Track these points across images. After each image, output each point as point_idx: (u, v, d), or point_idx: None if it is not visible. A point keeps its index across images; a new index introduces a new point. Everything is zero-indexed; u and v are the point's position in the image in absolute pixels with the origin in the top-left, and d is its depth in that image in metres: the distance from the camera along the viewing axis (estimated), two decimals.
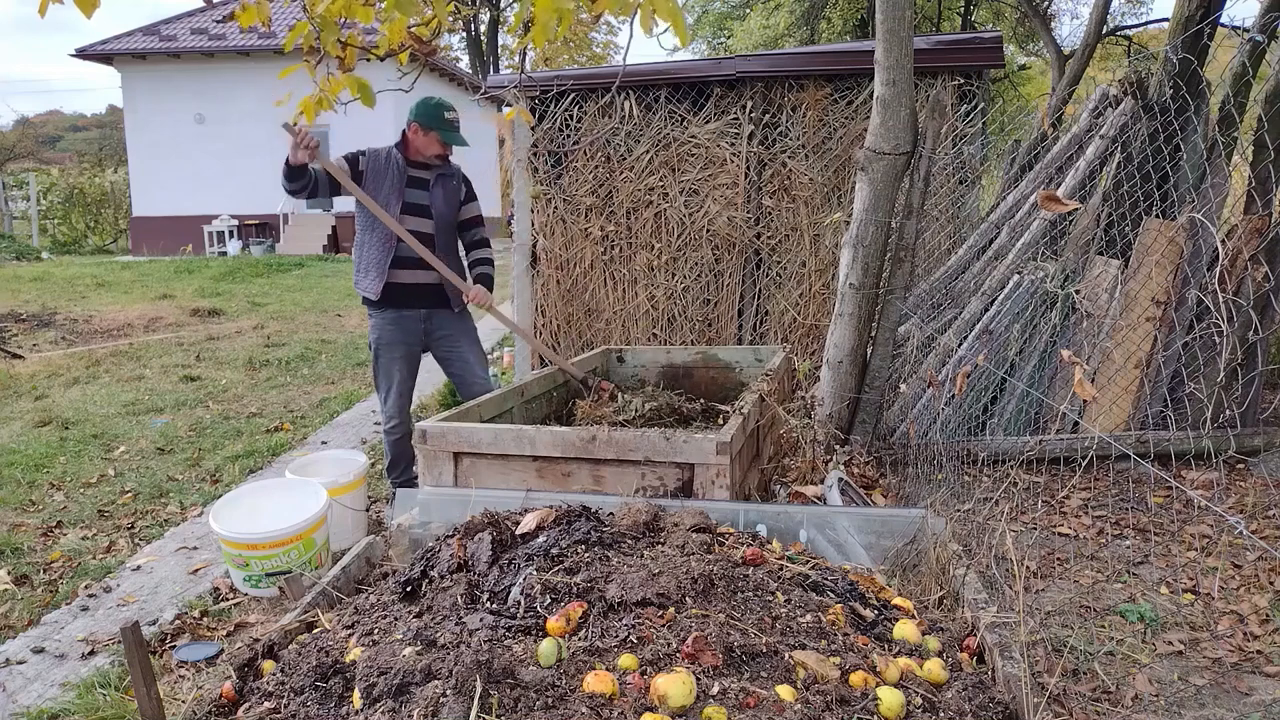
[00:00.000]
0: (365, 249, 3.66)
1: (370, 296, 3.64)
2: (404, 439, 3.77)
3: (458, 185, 3.78)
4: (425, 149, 3.61)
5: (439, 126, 3.57)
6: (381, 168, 3.61)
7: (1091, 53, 12.77)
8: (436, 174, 3.69)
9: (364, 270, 3.67)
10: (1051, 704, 2.25)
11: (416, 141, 3.61)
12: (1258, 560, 3.20)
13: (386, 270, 3.60)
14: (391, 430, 3.81)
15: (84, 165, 27.41)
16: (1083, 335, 4.34)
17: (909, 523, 2.06)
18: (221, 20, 17.70)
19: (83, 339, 8.96)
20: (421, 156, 3.64)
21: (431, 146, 3.61)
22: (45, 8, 2.54)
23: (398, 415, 3.79)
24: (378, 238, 3.62)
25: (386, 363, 3.71)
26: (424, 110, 3.58)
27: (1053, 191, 2.57)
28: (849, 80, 5.34)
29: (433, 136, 3.58)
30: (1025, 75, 21.79)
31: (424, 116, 3.56)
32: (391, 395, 3.74)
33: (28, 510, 4.21)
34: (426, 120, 3.56)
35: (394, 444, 3.83)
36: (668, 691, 1.27)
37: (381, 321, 3.69)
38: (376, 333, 3.72)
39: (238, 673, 1.57)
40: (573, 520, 1.86)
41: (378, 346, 3.72)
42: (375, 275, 3.62)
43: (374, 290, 3.62)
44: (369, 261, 3.64)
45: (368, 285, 3.65)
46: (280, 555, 3.21)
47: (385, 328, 3.68)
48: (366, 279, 3.66)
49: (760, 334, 5.68)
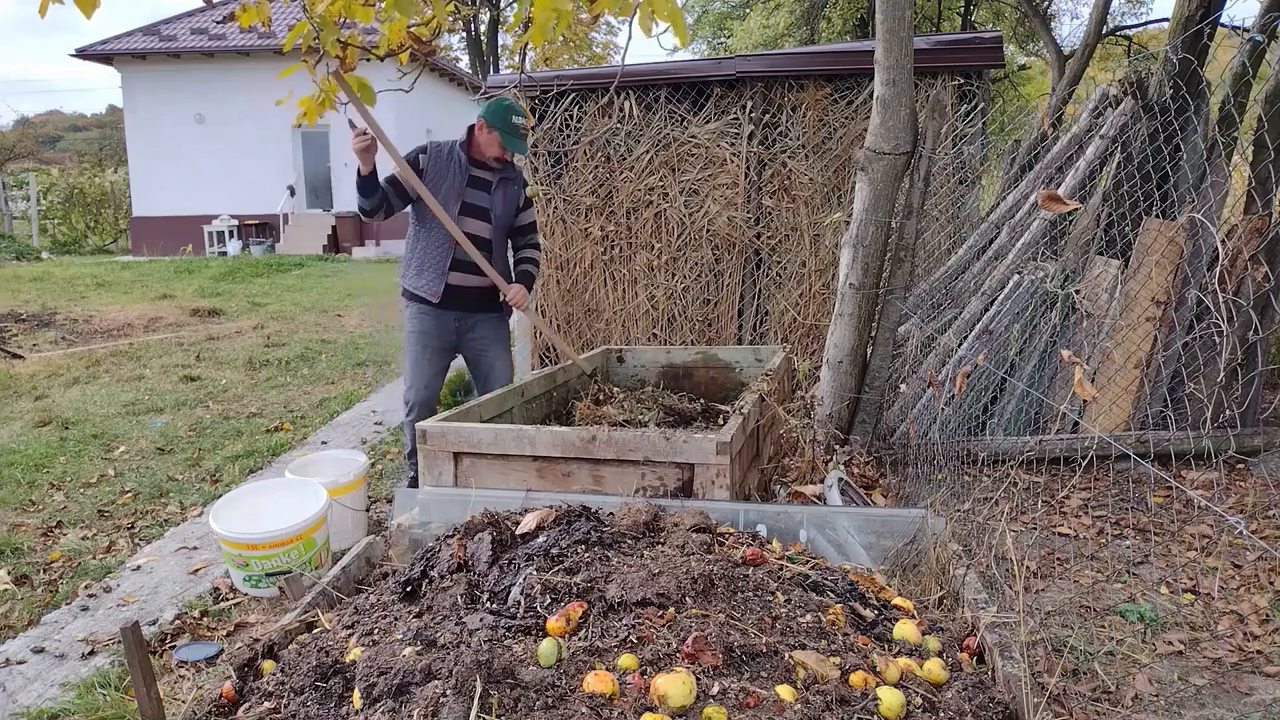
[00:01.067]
0: (424, 247, 3.62)
1: (429, 299, 3.60)
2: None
3: (519, 190, 3.74)
4: (485, 147, 3.57)
5: (502, 128, 3.50)
6: (443, 165, 3.56)
7: (1091, 53, 12.78)
8: (500, 177, 3.65)
9: (419, 269, 3.62)
10: (1051, 704, 2.25)
11: (480, 138, 3.57)
12: (1258, 560, 3.20)
13: (446, 272, 3.57)
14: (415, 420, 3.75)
15: (84, 165, 27.42)
16: (1083, 335, 4.34)
17: (909, 523, 2.06)
18: (221, 20, 17.72)
19: (83, 339, 8.96)
20: (481, 155, 3.60)
21: (491, 146, 3.55)
22: (45, 8, 2.54)
23: (421, 407, 3.72)
24: (438, 237, 3.58)
25: (419, 353, 3.69)
26: (493, 109, 3.53)
27: (1053, 191, 2.56)
28: (849, 80, 5.34)
29: (493, 136, 3.52)
30: (1025, 75, 21.79)
31: (491, 114, 3.51)
32: (421, 385, 3.71)
33: (28, 510, 4.21)
34: (492, 118, 3.51)
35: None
36: (668, 691, 1.27)
37: (418, 311, 3.67)
38: (414, 322, 3.69)
39: (238, 673, 1.57)
40: (573, 520, 1.86)
41: (413, 335, 3.70)
42: (434, 275, 3.59)
43: (433, 291, 3.59)
44: (427, 261, 3.60)
45: (424, 285, 3.61)
46: (280, 555, 3.21)
47: (423, 318, 3.66)
48: (423, 278, 3.61)
49: (760, 334, 5.68)
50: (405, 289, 3.70)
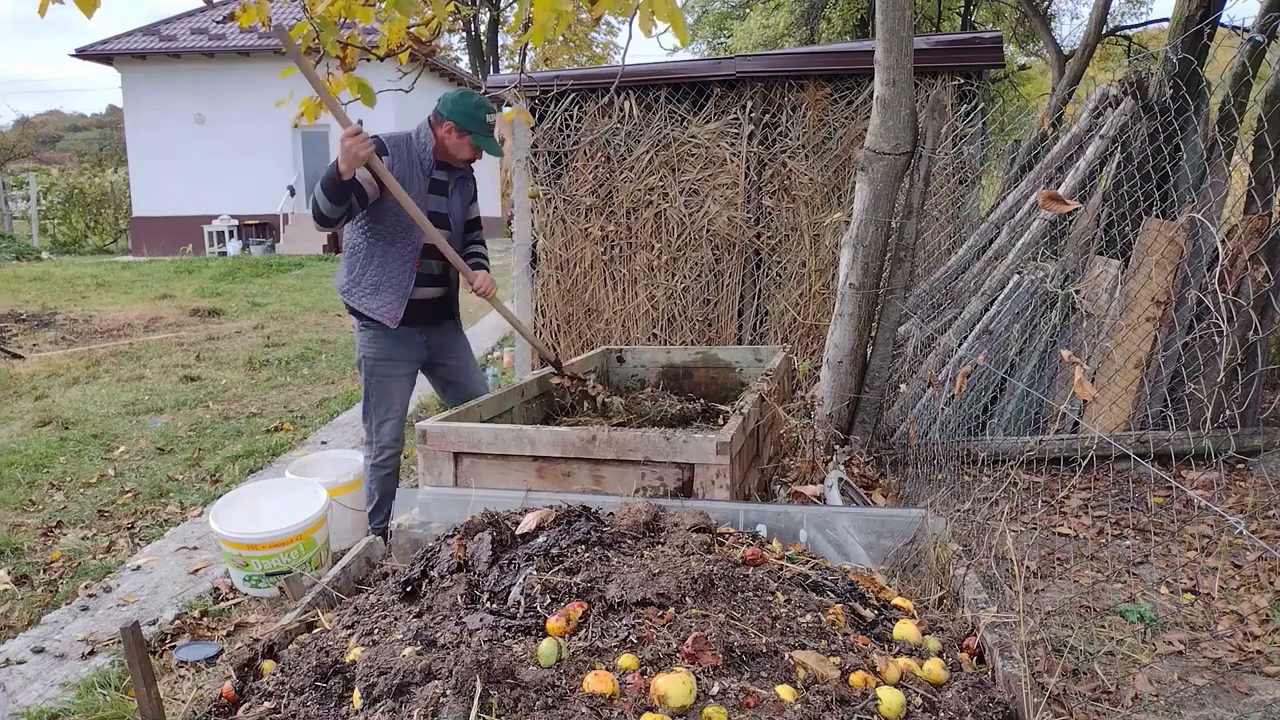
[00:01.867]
0: (380, 266, 3.15)
1: (387, 323, 3.15)
2: (394, 475, 3.33)
3: (471, 185, 3.39)
4: (456, 152, 3.17)
5: (476, 130, 3.12)
6: (405, 168, 3.10)
7: (1091, 53, 12.77)
8: (457, 177, 3.27)
9: (375, 289, 3.16)
10: (1051, 704, 2.25)
11: (448, 142, 3.14)
12: (1258, 560, 3.20)
13: (409, 292, 3.16)
14: (384, 463, 3.29)
15: (84, 165, 27.42)
16: (1083, 335, 4.34)
17: (909, 523, 2.06)
18: (221, 20, 17.70)
19: (83, 339, 8.96)
20: (447, 159, 3.20)
21: (463, 151, 3.17)
22: (45, 8, 2.54)
23: (394, 445, 3.29)
24: (400, 254, 3.15)
25: (384, 382, 3.24)
26: (463, 110, 3.10)
27: (1053, 191, 2.56)
28: (849, 80, 5.34)
29: (466, 140, 3.13)
30: (1025, 75, 21.78)
31: (463, 118, 3.10)
32: (389, 422, 3.27)
33: (28, 510, 4.21)
34: (465, 122, 3.10)
35: (384, 479, 3.31)
36: (668, 691, 1.27)
37: (380, 334, 3.20)
38: (375, 347, 3.21)
39: (238, 673, 1.57)
40: (573, 520, 1.86)
41: (375, 364, 3.22)
42: (394, 297, 3.14)
43: (391, 315, 3.14)
44: (386, 281, 3.15)
45: (381, 309, 3.15)
46: (280, 555, 3.21)
47: (385, 341, 3.20)
48: (378, 300, 3.15)
49: (760, 334, 5.68)
50: (353, 307, 3.22)
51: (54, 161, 30.20)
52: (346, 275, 3.22)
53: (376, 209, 3.08)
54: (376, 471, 3.30)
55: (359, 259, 3.18)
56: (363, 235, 3.16)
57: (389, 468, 3.30)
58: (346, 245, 3.22)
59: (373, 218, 3.11)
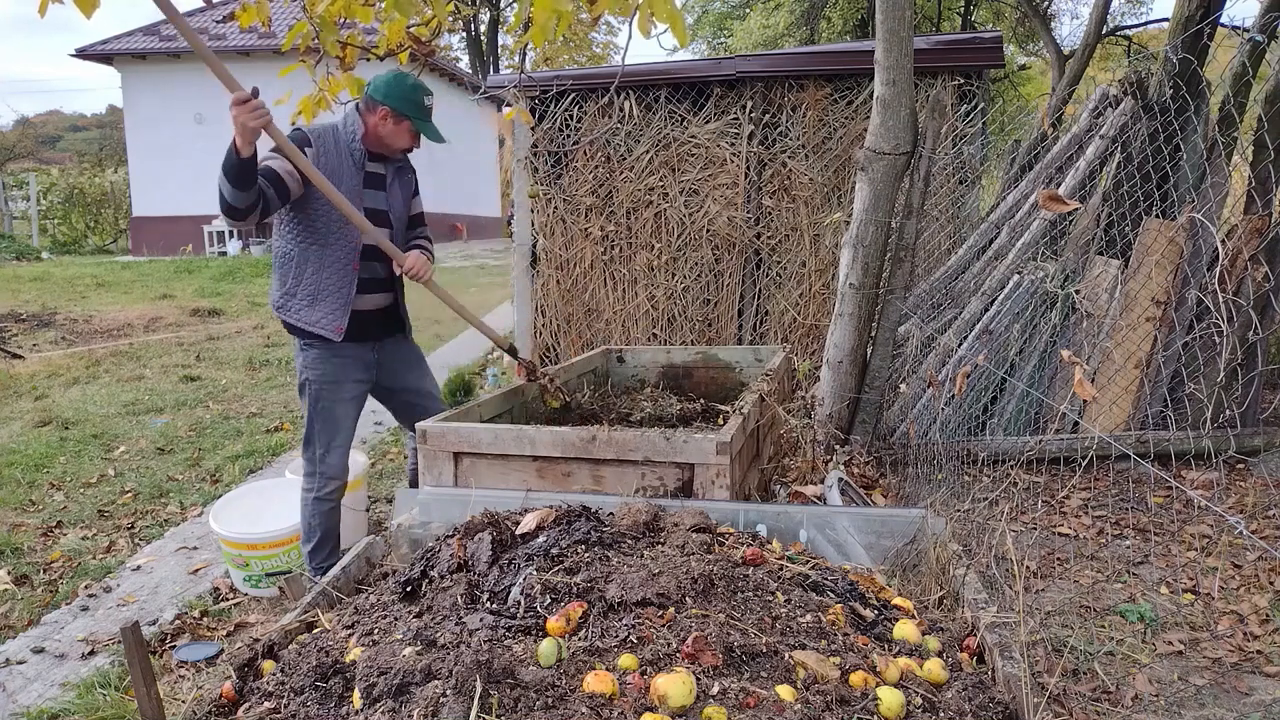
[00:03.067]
0: (317, 273, 2.83)
1: (331, 336, 2.83)
2: (337, 509, 3.03)
3: (411, 177, 3.08)
4: (393, 140, 2.86)
5: (414, 115, 2.84)
6: (334, 162, 2.80)
7: (1091, 53, 12.77)
8: (394, 168, 2.97)
9: (312, 300, 2.83)
10: (1051, 704, 2.25)
11: (382, 130, 2.84)
12: (1258, 560, 3.20)
13: (351, 299, 2.85)
14: (328, 496, 2.98)
15: (84, 165, 27.41)
16: (1083, 335, 4.34)
17: (909, 523, 2.06)
18: (221, 20, 17.69)
19: (83, 339, 8.96)
20: (382, 148, 2.89)
21: (401, 139, 2.88)
22: (45, 7, 2.54)
23: (339, 477, 2.98)
24: (337, 257, 2.82)
25: (330, 406, 2.92)
26: (398, 93, 2.81)
27: (1054, 191, 2.56)
28: (849, 80, 5.35)
29: (404, 127, 2.85)
30: (1025, 75, 21.78)
31: (398, 101, 2.80)
32: (334, 449, 2.96)
33: (28, 510, 4.21)
34: (401, 106, 2.81)
35: (327, 514, 3.00)
36: (668, 691, 1.27)
37: (326, 354, 2.88)
38: (319, 368, 2.88)
39: (238, 673, 1.57)
40: (573, 520, 1.86)
41: (320, 386, 2.90)
42: (335, 308, 2.83)
43: (334, 328, 2.83)
44: (325, 288, 2.83)
45: (323, 320, 2.83)
46: (280, 555, 3.22)
47: (331, 361, 2.89)
48: (318, 312, 2.83)
49: (760, 334, 5.69)
50: (290, 324, 2.88)
51: (54, 161, 30.20)
52: (279, 289, 2.88)
53: (304, 208, 2.78)
54: (319, 505, 2.97)
55: (291, 267, 2.85)
56: (293, 240, 2.84)
57: (333, 501, 3.00)
58: (276, 255, 2.90)
59: (301, 219, 2.80)
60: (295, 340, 2.94)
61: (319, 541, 3.01)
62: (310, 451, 2.97)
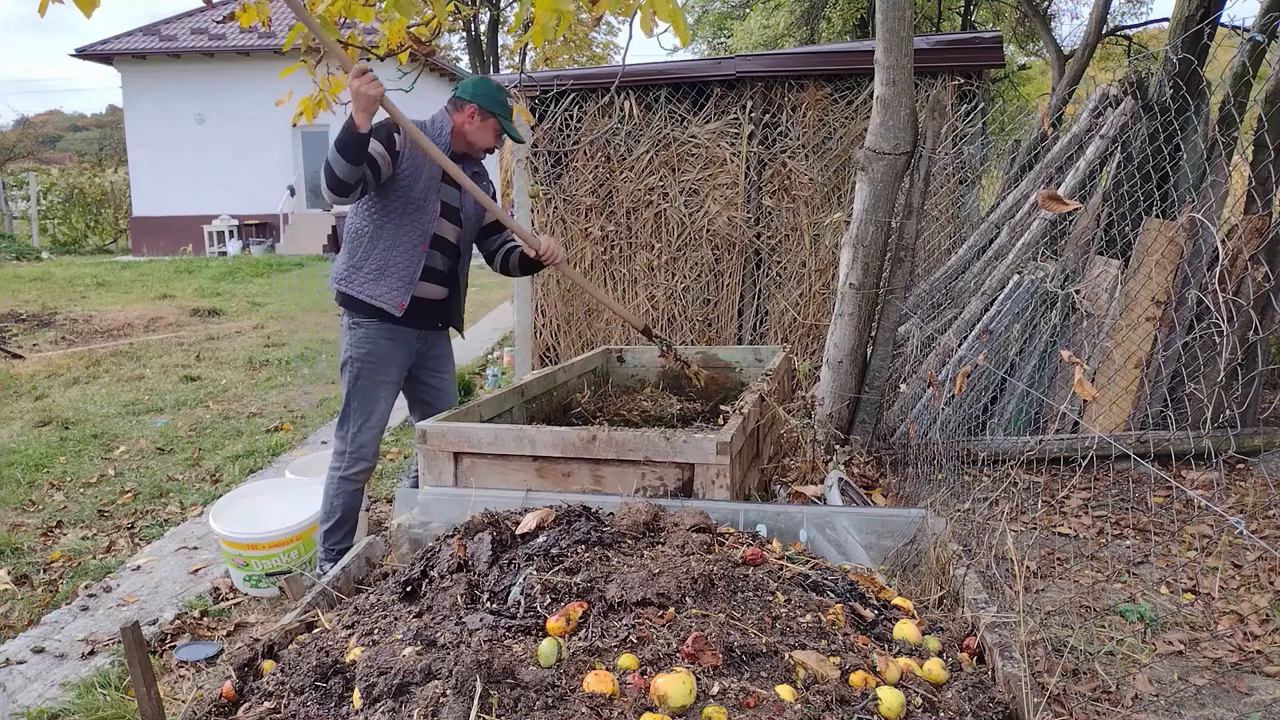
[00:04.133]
0: (387, 250, 2.89)
1: (391, 311, 2.89)
2: (360, 492, 3.06)
3: (488, 185, 3.10)
4: (478, 139, 2.92)
5: (500, 113, 2.91)
6: (419, 153, 2.84)
7: (1091, 53, 12.78)
8: (472, 171, 2.99)
9: (379, 274, 2.89)
10: (1051, 704, 2.25)
11: (468, 128, 2.90)
12: (1258, 560, 3.20)
13: (415, 280, 2.92)
14: (354, 477, 3.00)
15: (84, 165, 27.43)
16: (1083, 335, 4.34)
17: (909, 523, 2.06)
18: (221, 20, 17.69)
19: (83, 339, 8.96)
20: (467, 147, 2.95)
21: (485, 137, 2.93)
22: (45, 7, 2.54)
23: (369, 459, 3.02)
24: (409, 236, 2.89)
25: (371, 386, 2.97)
26: (485, 92, 2.89)
27: (1054, 191, 2.57)
28: (849, 80, 5.35)
29: (490, 124, 2.91)
30: (1025, 75, 21.79)
31: (486, 99, 2.88)
32: (367, 429, 2.99)
33: (28, 510, 4.21)
34: (489, 104, 2.88)
35: (352, 495, 3.02)
36: (668, 691, 1.27)
37: (376, 333, 2.94)
38: (367, 346, 2.94)
39: (238, 673, 1.57)
40: (573, 520, 1.86)
41: (363, 365, 2.95)
42: (400, 283, 2.89)
43: (398, 303, 2.89)
44: (393, 265, 2.89)
45: (385, 295, 2.89)
46: (280, 555, 3.22)
47: (380, 341, 2.95)
48: (382, 286, 2.89)
49: (760, 334, 5.69)
50: (350, 296, 2.93)
51: (54, 161, 30.19)
52: (346, 261, 2.94)
53: (384, 188, 2.85)
54: (344, 485, 2.99)
55: (363, 242, 2.91)
56: (367, 218, 2.90)
57: (358, 483, 3.02)
58: (348, 232, 2.96)
59: (380, 199, 2.87)
60: (345, 317, 2.99)
61: (337, 522, 3.02)
62: (344, 430, 3.00)
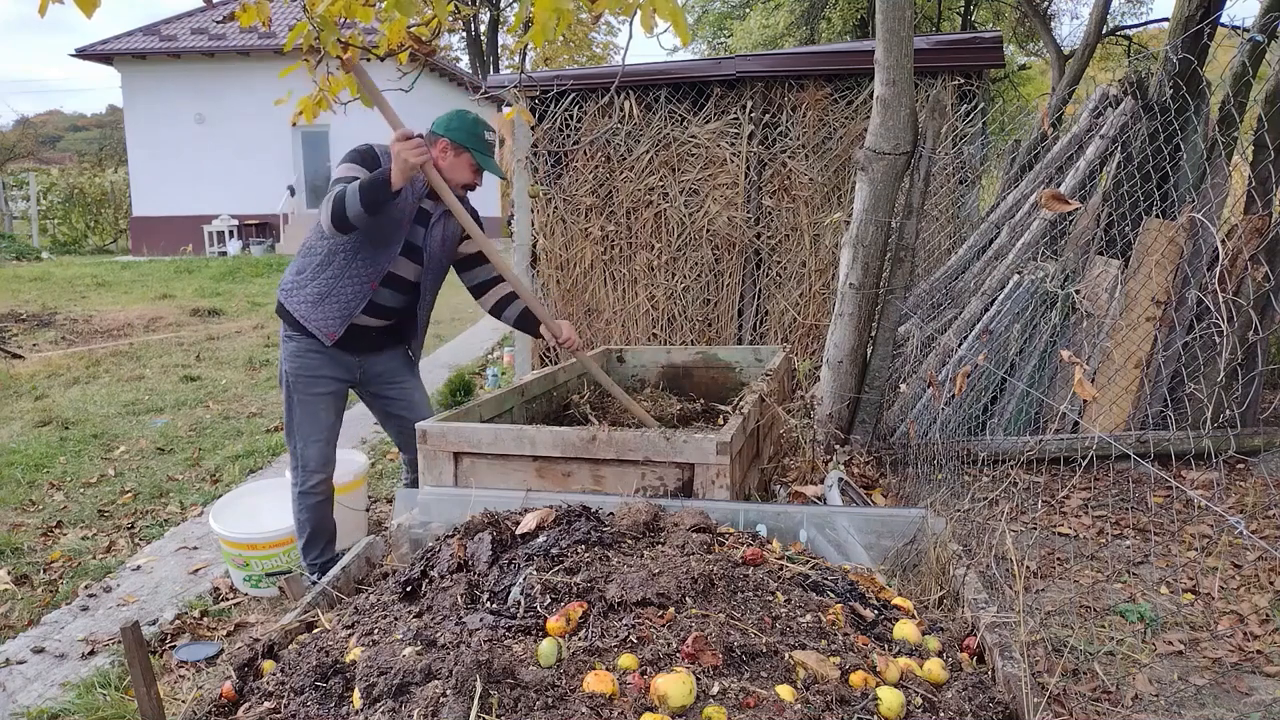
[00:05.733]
0: (335, 278, 2.79)
1: (322, 339, 2.81)
2: (326, 502, 2.99)
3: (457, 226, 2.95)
4: (453, 175, 2.78)
5: (476, 147, 2.78)
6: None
7: (1091, 53, 12.78)
8: (441, 211, 2.88)
9: (319, 300, 2.80)
10: (1051, 704, 2.25)
11: (442, 163, 2.76)
12: (1258, 560, 3.20)
13: (354, 316, 2.82)
14: (313, 490, 2.93)
15: (84, 165, 27.42)
16: (1083, 335, 4.34)
17: (909, 523, 2.06)
18: (221, 20, 17.69)
19: (83, 339, 8.96)
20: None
21: (461, 173, 2.79)
22: (45, 7, 2.54)
23: (322, 470, 2.93)
24: (360, 271, 2.79)
25: (309, 401, 2.88)
26: (460, 125, 2.77)
27: (1054, 191, 2.56)
28: (849, 80, 5.34)
29: (465, 159, 2.78)
30: (1025, 75, 21.78)
31: (460, 134, 2.76)
32: (313, 443, 2.91)
33: (28, 510, 4.21)
34: (461, 138, 2.76)
35: (314, 508, 2.96)
36: (668, 691, 1.27)
37: (307, 348, 2.85)
38: (299, 360, 2.86)
39: (238, 673, 1.57)
40: (573, 520, 1.86)
41: (296, 378, 2.87)
42: (337, 314, 2.80)
43: (329, 332, 2.81)
44: (335, 294, 2.80)
45: (319, 321, 2.80)
46: (280, 555, 3.22)
47: (311, 355, 2.86)
48: (319, 312, 2.80)
49: (760, 334, 5.69)
50: (287, 310, 2.86)
51: (54, 161, 30.20)
52: (294, 273, 2.86)
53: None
54: (304, 500, 2.93)
55: (314, 261, 2.82)
56: (325, 238, 2.80)
57: (320, 494, 2.95)
58: (303, 244, 2.88)
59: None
60: (281, 326, 2.92)
61: (310, 537, 2.99)
62: (292, 444, 2.94)
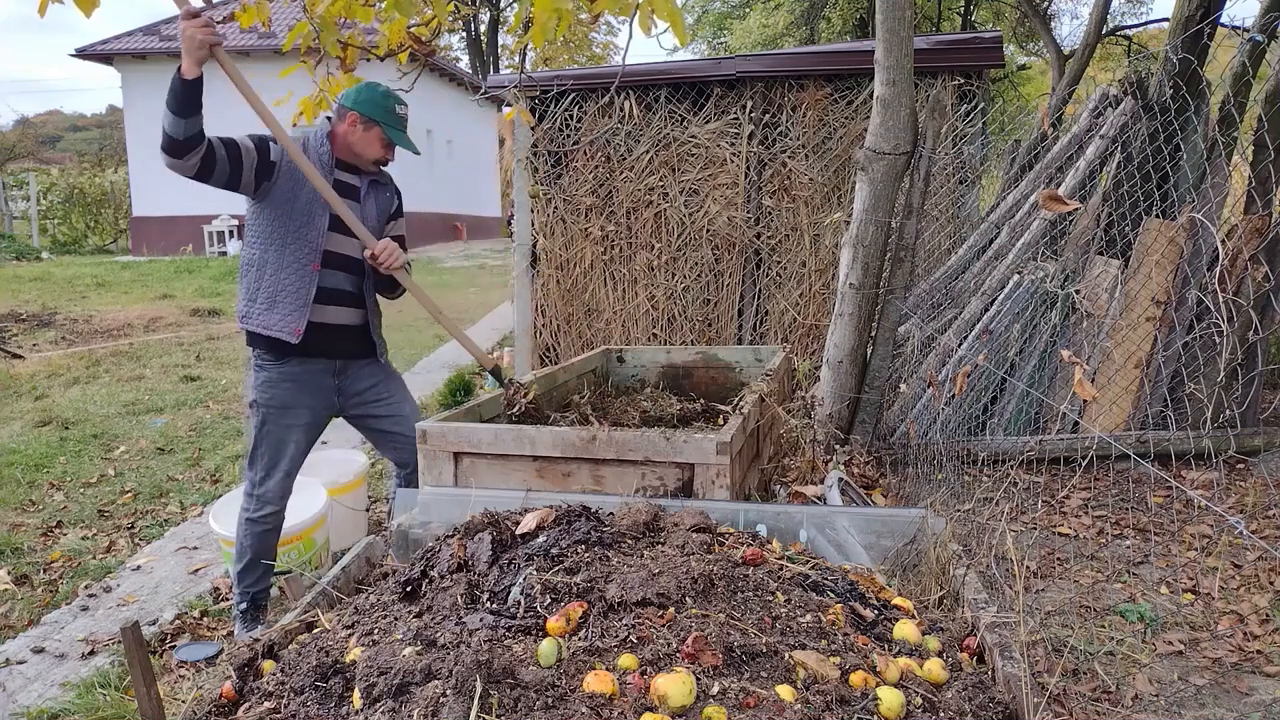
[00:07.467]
0: (276, 274, 2.70)
1: (286, 339, 2.69)
2: (274, 533, 2.89)
3: (391, 197, 2.93)
4: (363, 149, 2.75)
5: (387, 121, 2.74)
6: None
7: (1091, 53, 12.77)
8: (369, 181, 2.84)
9: (271, 303, 2.70)
10: (1051, 704, 2.25)
11: (351, 138, 2.74)
12: (1258, 560, 3.20)
13: (310, 305, 2.70)
14: (263, 519, 2.83)
15: (84, 165, 27.40)
16: (1083, 335, 4.34)
17: (909, 523, 2.06)
18: (221, 20, 17.69)
19: (83, 339, 8.96)
20: (353, 158, 2.78)
21: (371, 147, 2.76)
22: (45, 7, 2.54)
23: (277, 501, 2.84)
24: (296, 257, 2.70)
25: (278, 432, 2.77)
26: (368, 99, 2.73)
27: (1054, 191, 2.57)
28: (849, 80, 5.35)
29: (375, 134, 2.74)
30: (1025, 75, 21.78)
31: (367, 106, 2.72)
32: (276, 475, 2.81)
33: (28, 510, 4.21)
34: (370, 111, 2.72)
35: (261, 536, 2.85)
36: (668, 691, 1.27)
37: (278, 375, 2.74)
38: (270, 391, 2.74)
39: (238, 673, 1.57)
40: (573, 520, 1.85)
41: (267, 409, 2.75)
42: (293, 307, 2.69)
43: (291, 329, 2.69)
44: (283, 290, 2.70)
45: (279, 323, 2.69)
46: (280, 555, 3.21)
47: (282, 385, 2.75)
48: (275, 314, 2.69)
49: (760, 334, 5.69)
50: (251, 333, 2.74)
51: (54, 161, 30.19)
52: (244, 298, 2.77)
53: (264, 211, 2.71)
54: (252, 527, 2.84)
55: (253, 272, 2.75)
56: (255, 245, 2.75)
57: (267, 524, 2.85)
58: (241, 266, 2.81)
59: (262, 224, 2.72)
60: (250, 357, 2.80)
61: (248, 564, 2.87)
62: (252, 473, 2.83)
